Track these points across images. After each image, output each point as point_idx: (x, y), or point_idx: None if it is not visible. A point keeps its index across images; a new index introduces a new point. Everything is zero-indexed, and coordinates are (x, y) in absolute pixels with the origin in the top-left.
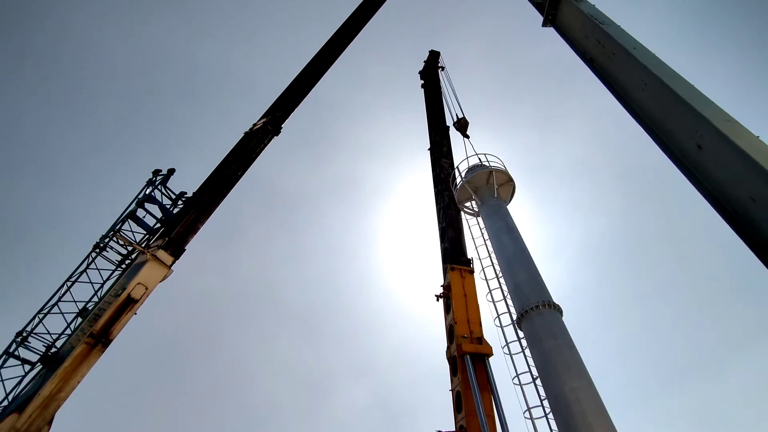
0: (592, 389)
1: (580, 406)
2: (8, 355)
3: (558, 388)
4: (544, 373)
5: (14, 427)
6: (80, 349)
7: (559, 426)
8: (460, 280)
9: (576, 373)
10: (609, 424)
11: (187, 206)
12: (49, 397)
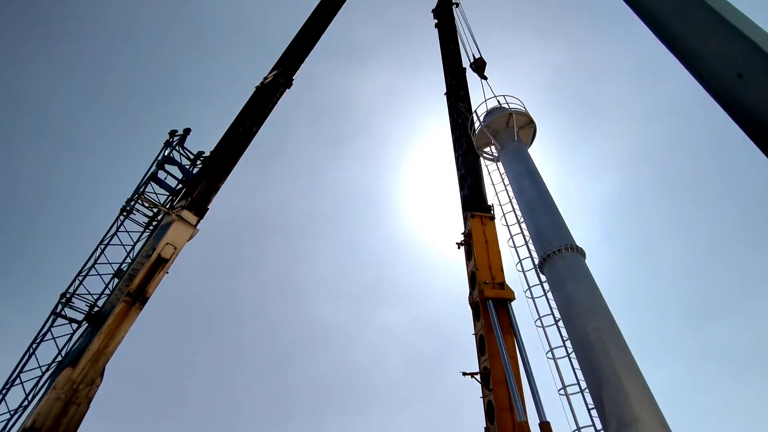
0: (615, 329)
1: (603, 345)
2: (56, 315)
3: (580, 329)
4: (566, 315)
5: (70, 379)
6: (120, 307)
7: (581, 365)
8: (481, 227)
9: (598, 314)
10: (631, 362)
11: (205, 166)
12: (97, 351)
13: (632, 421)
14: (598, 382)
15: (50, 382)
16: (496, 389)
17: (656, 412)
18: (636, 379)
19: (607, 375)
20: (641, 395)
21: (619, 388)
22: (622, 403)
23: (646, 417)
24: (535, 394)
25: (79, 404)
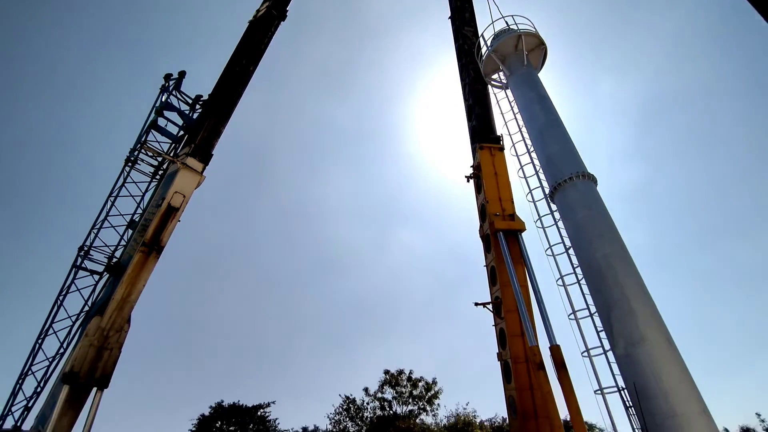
0: (625, 254)
1: (612, 270)
2: (77, 268)
3: (590, 256)
4: (576, 242)
5: (99, 327)
6: (137, 257)
7: (590, 290)
8: (490, 159)
9: (609, 239)
10: (640, 285)
11: (205, 111)
12: (121, 300)
13: (639, 341)
14: (607, 306)
15: (81, 331)
16: (507, 317)
17: (663, 331)
18: (644, 300)
19: (616, 298)
20: (649, 316)
21: (628, 310)
22: (630, 324)
23: (653, 336)
24: (546, 320)
25: (111, 349)
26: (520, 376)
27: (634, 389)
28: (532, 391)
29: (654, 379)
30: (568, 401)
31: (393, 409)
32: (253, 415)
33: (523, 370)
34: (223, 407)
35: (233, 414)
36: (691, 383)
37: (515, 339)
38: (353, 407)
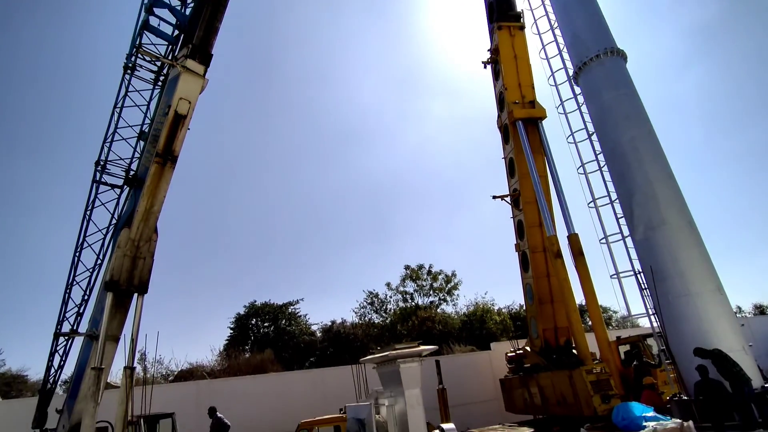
0: (652, 137)
1: (638, 154)
2: (97, 183)
3: (615, 140)
4: (601, 126)
5: (130, 238)
6: (153, 168)
7: (613, 176)
8: (509, 40)
9: (636, 121)
10: (665, 169)
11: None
12: (145, 212)
13: (660, 224)
14: (629, 192)
15: (113, 243)
16: (525, 208)
17: (684, 214)
18: (668, 185)
19: (639, 183)
20: (672, 200)
21: (651, 195)
22: (651, 209)
23: (674, 219)
24: (564, 210)
25: (144, 258)
26: (537, 265)
27: (651, 271)
28: (548, 279)
29: (671, 260)
30: (584, 286)
31: (415, 301)
32: (284, 312)
33: (541, 259)
34: (256, 306)
35: (266, 312)
36: (707, 263)
37: (533, 229)
38: (377, 301)
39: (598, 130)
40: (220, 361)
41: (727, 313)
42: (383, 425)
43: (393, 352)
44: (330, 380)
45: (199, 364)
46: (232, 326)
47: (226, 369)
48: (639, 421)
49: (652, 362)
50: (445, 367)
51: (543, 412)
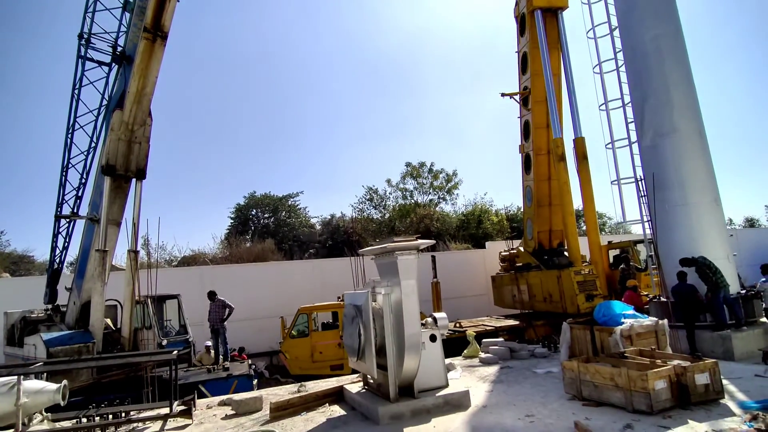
0: (678, 37)
1: (660, 55)
2: (83, 59)
3: (638, 38)
4: (626, 21)
5: (123, 121)
6: (143, 45)
7: (629, 78)
8: None
9: (664, 18)
10: (686, 74)
11: None
12: (137, 93)
13: (670, 132)
14: (643, 95)
15: (106, 125)
16: (534, 108)
17: (696, 123)
18: (686, 90)
19: (655, 87)
20: (685, 107)
21: (665, 100)
22: (663, 115)
23: (685, 127)
24: (574, 112)
25: (140, 143)
26: (540, 167)
27: (652, 179)
28: (549, 182)
29: (674, 169)
30: (583, 191)
31: (414, 198)
32: (284, 204)
33: (544, 162)
34: (256, 197)
35: (266, 203)
36: (710, 174)
37: (540, 131)
38: (376, 197)
39: (622, 24)
40: (221, 249)
41: (719, 224)
42: (379, 312)
43: (391, 244)
44: (329, 271)
45: (201, 251)
46: (233, 216)
47: (227, 257)
48: (618, 318)
49: (639, 266)
50: (441, 263)
51: (529, 307)
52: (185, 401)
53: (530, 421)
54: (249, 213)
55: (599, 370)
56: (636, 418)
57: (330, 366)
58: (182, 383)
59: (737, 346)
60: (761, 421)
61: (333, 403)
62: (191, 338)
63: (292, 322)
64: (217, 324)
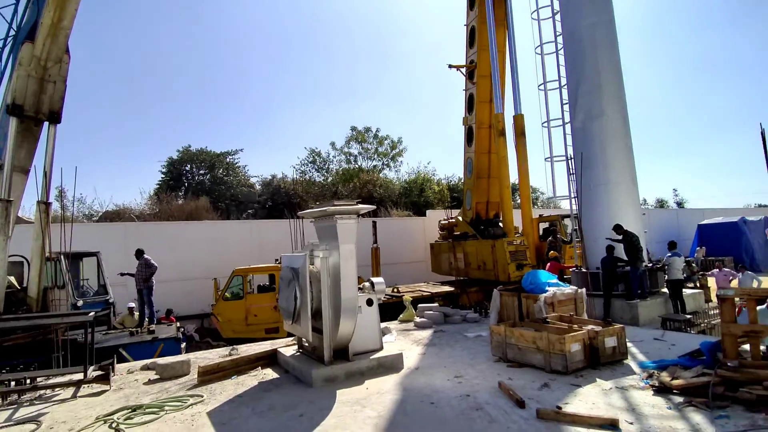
0: (611, 27)
1: (593, 42)
2: None
3: (575, 24)
4: (565, 6)
5: (34, 56)
6: None
7: (567, 61)
8: None
9: (600, 7)
10: (615, 62)
11: None
12: (52, 26)
13: (598, 115)
14: (578, 79)
15: (14, 58)
16: (479, 82)
17: (622, 108)
18: (614, 78)
19: (588, 72)
20: (614, 93)
21: (597, 86)
22: (594, 99)
23: (612, 112)
24: (516, 89)
25: (55, 82)
26: (481, 140)
27: (581, 159)
28: (489, 155)
29: (600, 150)
30: (520, 166)
31: (358, 163)
32: (222, 161)
33: (485, 135)
34: (191, 152)
35: (202, 159)
36: (630, 157)
37: (483, 105)
38: (319, 159)
39: (562, 10)
40: (150, 205)
41: (635, 203)
42: (316, 275)
43: (331, 208)
44: (267, 232)
45: (126, 207)
46: (164, 171)
47: (156, 213)
48: (543, 286)
49: (565, 239)
50: (382, 229)
51: (464, 274)
52: (102, 366)
53: (458, 381)
54: (183, 168)
55: (523, 334)
56: (553, 377)
57: (265, 329)
58: (100, 347)
59: (642, 314)
60: (655, 379)
61: (266, 367)
62: (111, 299)
63: (226, 283)
64: (141, 284)
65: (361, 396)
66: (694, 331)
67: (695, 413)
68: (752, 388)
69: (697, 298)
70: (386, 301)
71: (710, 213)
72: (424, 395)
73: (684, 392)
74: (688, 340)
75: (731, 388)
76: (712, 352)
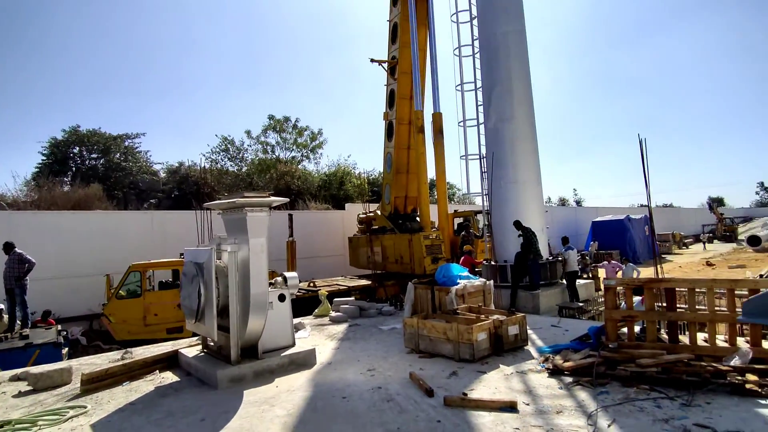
0: (522, 36)
1: (507, 49)
2: None
3: (491, 30)
4: (482, 12)
5: None
6: None
7: (482, 65)
8: None
9: (513, 17)
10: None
11: None
12: None
13: (509, 118)
14: (492, 83)
15: None
16: (400, 79)
17: (530, 113)
18: (524, 84)
19: (501, 77)
20: (524, 99)
21: (509, 90)
22: (506, 103)
23: (521, 116)
24: (435, 88)
25: None
26: (401, 136)
27: (492, 158)
28: (408, 151)
29: (510, 151)
30: (437, 162)
31: (276, 154)
32: (119, 145)
33: (405, 131)
34: (80, 133)
35: (93, 141)
36: (536, 158)
37: (403, 101)
38: (232, 148)
39: (480, 15)
40: (27, 192)
41: (539, 201)
42: (223, 270)
43: (241, 199)
44: (172, 224)
45: None
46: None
47: (35, 201)
48: (455, 278)
49: (477, 234)
50: (299, 222)
51: (382, 268)
52: None
53: (371, 374)
54: (69, 151)
55: (434, 325)
56: (461, 366)
57: (166, 329)
58: None
59: (542, 303)
60: (550, 362)
61: (165, 370)
62: None
63: (121, 280)
64: (12, 283)
65: (270, 395)
66: (585, 318)
67: (581, 391)
68: (627, 366)
69: (589, 288)
70: (301, 296)
71: (603, 211)
72: (336, 390)
73: (573, 373)
74: (579, 326)
75: (611, 366)
76: (597, 336)
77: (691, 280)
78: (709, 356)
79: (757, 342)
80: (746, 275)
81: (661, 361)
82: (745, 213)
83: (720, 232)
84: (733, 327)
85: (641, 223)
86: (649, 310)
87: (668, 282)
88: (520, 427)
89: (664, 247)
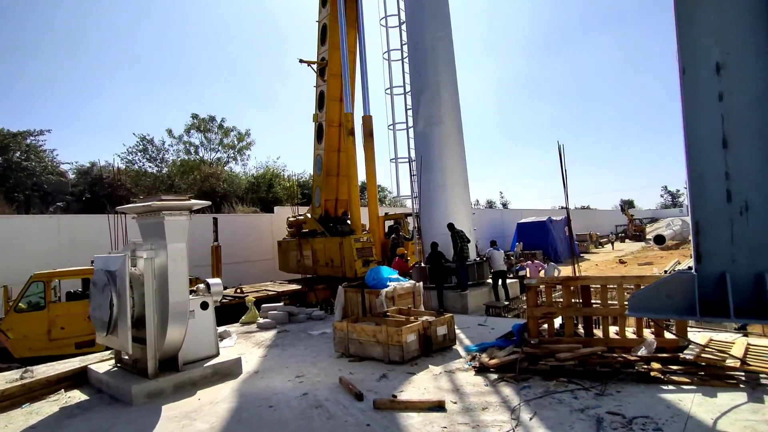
0: (449, 42)
1: (435, 55)
2: None
3: (419, 35)
4: (411, 18)
5: None
6: None
7: (411, 70)
8: None
9: (440, 23)
10: (452, 75)
11: None
12: None
13: (437, 123)
14: (420, 88)
15: None
16: (330, 80)
17: (457, 118)
18: (452, 89)
19: (429, 82)
20: (451, 104)
21: (436, 95)
22: (434, 108)
23: (449, 121)
24: (365, 90)
25: None
26: (331, 139)
27: (421, 162)
28: (339, 153)
29: (438, 155)
30: (367, 165)
31: (200, 155)
32: (20, 143)
33: (335, 134)
34: None
35: None
36: (463, 162)
37: (333, 103)
38: (151, 148)
39: (409, 21)
40: None
41: (466, 204)
42: (139, 279)
43: (158, 203)
44: (82, 229)
45: None
46: None
47: None
48: (385, 281)
49: (407, 236)
50: (225, 226)
51: (312, 272)
52: None
53: (300, 381)
54: None
55: (364, 328)
56: (391, 368)
57: (75, 344)
58: None
59: (471, 302)
60: (477, 360)
61: (72, 389)
62: None
63: (21, 292)
64: None
65: (191, 408)
66: (510, 316)
67: (506, 387)
68: (548, 360)
69: (514, 287)
70: (227, 303)
71: (527, 213)
72: (262, 399)
73: (498, 370)
74: (505, 324)
75: (533, 362)
76: (520, 333)
77: (603, 278)
78: (620, 348)
79: (660, 333)
80: (653, 272)
81: (578, 354)
82: (652, 214)
83: (631, 232)
84: (640, 320)
85: (562, 225)
86: (567, 306)
87: (583, 280)
88: (447, 425)
89: (582, 247)
